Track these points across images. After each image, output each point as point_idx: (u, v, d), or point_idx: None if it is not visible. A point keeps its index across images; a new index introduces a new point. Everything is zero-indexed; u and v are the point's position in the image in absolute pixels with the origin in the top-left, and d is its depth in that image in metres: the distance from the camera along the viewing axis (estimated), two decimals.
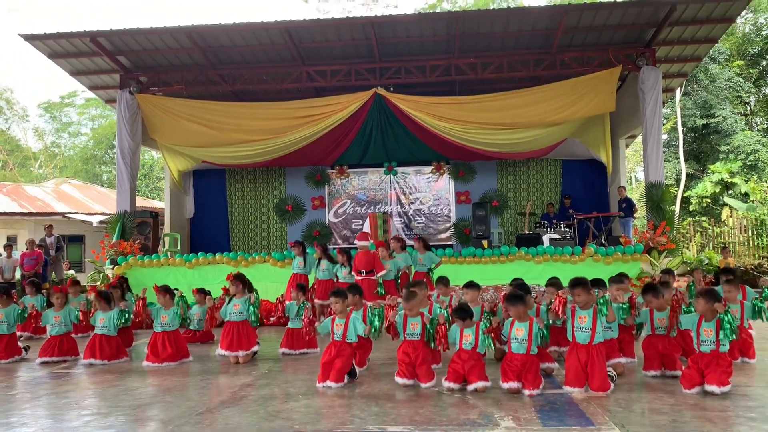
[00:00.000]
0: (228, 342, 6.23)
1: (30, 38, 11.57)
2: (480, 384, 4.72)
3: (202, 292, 8.02)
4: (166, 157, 14.07)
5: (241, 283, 6.48)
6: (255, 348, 6.37)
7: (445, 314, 5.31)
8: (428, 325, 5.08)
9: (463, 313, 4.99)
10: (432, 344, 5.06)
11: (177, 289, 6.93)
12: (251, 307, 6.30)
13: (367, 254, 8.61)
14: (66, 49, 12.19)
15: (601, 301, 4.76)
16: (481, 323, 4.99)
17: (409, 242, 10.78)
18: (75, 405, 4.63)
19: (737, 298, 5.68)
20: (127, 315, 6.75)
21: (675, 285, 6.51)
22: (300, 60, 12.51)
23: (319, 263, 9.00)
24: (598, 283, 5.40)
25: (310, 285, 8.88)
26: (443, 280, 7.00)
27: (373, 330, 5.24)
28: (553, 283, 6.11)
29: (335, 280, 8.75)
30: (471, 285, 6.17)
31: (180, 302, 6.63)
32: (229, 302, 6.38)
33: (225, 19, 50.41)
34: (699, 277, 11.39)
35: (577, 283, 4.86)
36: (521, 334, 4.80)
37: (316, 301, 8.56)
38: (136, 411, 4.39)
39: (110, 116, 35.38)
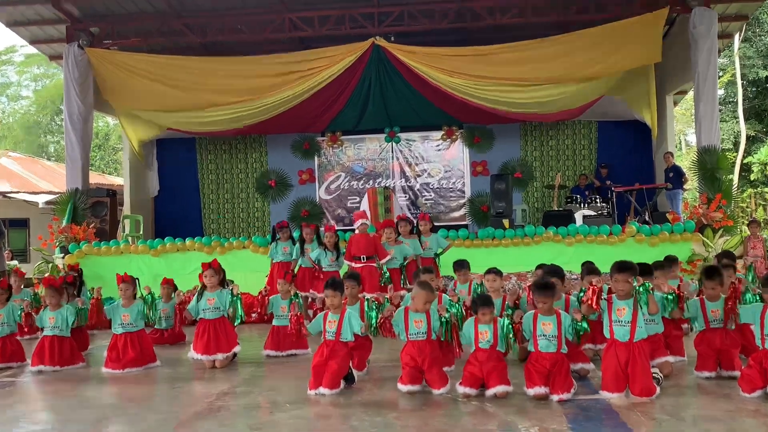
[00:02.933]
0: (204, 344, 6.25)
1: None
2: (500, 388, 4.75)
3: (169, 284, 8.04)
4: (125, 124, 14.01)
5: (217, 275, 6.48)
6: (235, 349, 6.40)
7: (457, 309, 5.31)
8: (444, 317, 5.10)
9: (483, 304, 5.00)
10: (449, 338, 5.10)
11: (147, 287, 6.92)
12: (235, 299, 6.31)
13: (366, 237, 8.60)
14: None
15: (641, 289, 4.74)
16: (501, 318, 5.00)
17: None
18: (23, 419, 4.66)
19: None
20: (84, 312, 6.77)
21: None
22: (282, 5, 12.38)
23: (302, 247, 8.99)
24: (643, 269, 5.38)
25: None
26: (463, 264, 7.01)
27: (370, 326, 5.26)
28: (589, 269, 6.10)
29: (319, 267, 8.74)
30: (493, 271, 6.17)
31: (148, 300, 6.63)
32: (200, 297, 6.38)
33: None
34: (755, 230, 11.39)
35: (623, 267, 4.83)
36: (549, 329, 4.80)
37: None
38: (95, 426, 4.42)
39: (56, 76, 35.18)
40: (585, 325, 4.86)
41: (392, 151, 15.40)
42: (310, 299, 8.82)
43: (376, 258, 8.45)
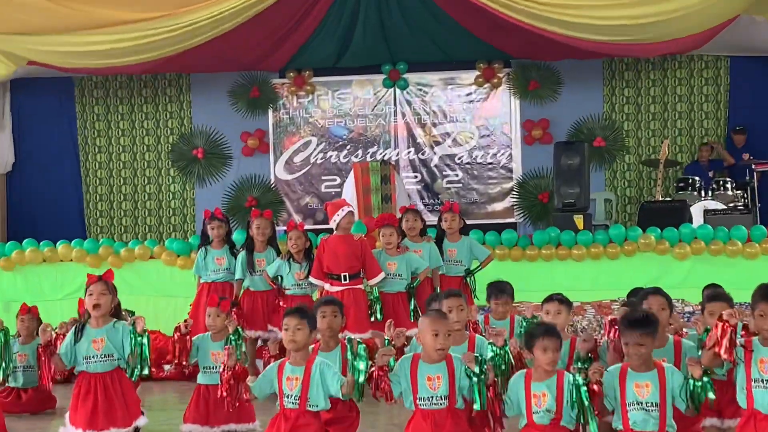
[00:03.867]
0: (87, 412, 6.20)
1: None
2: None
3: (31, 315, 8.02)
4: None
5: (111, 294, 6.43)
6: (138, 422, 6.39)
7: (499, 356, 5.29)
8: (472, 376, 5.06)
9: (546, 334, 5.00)
10: (480, 405, 5.06)
11: None
12: (138, 340, 6.27)
13: (347, 241, 8.59)
14: None
15: None
16: (568, 374, 4.98)
17: (431, 219, 10.77)
18: None
19: None
20: None
21: None
22: None
23: (250, 257, 8.95)
24: None
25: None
26: (502, 288, 7.01)
27: (357, 387, 5.19)
28: (715, 296, 6.09)
29: (278, 288, 8.72)
30: (556, 299, 6.14)
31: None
32: (81, 334, 6.34)
33: None
34: None
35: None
36: (647, 392, 4.80)
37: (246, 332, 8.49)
38: None
39: None
40: (707, 385, 4.84)
41: (395, 103, 15.37)
42: (260, 341, 8.82)
43: (363, 276, 8.45)
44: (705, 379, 4.76)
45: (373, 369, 5.11)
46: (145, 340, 6.21)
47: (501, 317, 6.93)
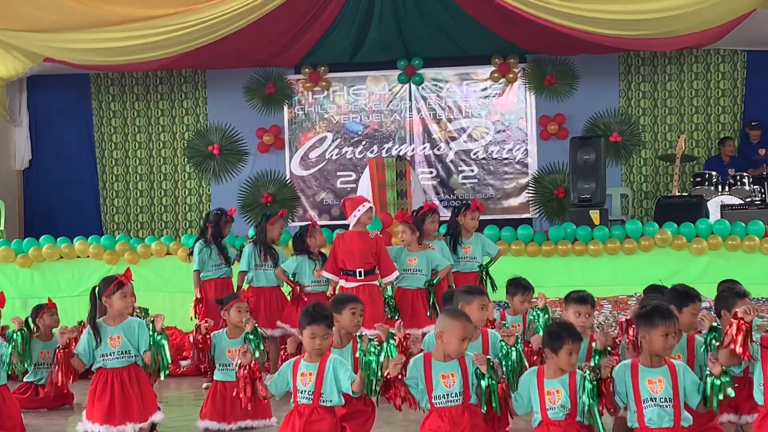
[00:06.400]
0: (104, 408, 6.20)
1: None
2: None
3: (51, 312, 8.03)
4: None
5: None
6: (154, 417, 6.39)
7: (514, 352, 5.28)
8: (480, 378, 5.05)
9: (571, 336, 4.98)
10: (493, 406, 5.05)
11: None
12: (154, 339, 6.26)
13: (364, 238, 8.58)
14: None
15: None
16: (580, 372, 4.94)
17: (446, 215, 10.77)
18: None
19: None
20: None
21: None
22: None
23: (261, 253, 8.92)
24: None
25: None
26: (527, 285, 7.01)
27: (368, 382, 5.18)
28: (732, 292, 6.06)
29: (294, 284, 8.71)
30: (578, 299, 6.12)
31: (14, 338, 6.62)
32: (99, 338, 6.34)
33: None
34: None
35: None
36: (660, 388, 4.77)
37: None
38: None
39: None
40: (724, 383, 4.81)
41: (411, 99, 15.33)
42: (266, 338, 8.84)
43: (378, 272, 8.45)
44: (724, 379, 4.72)
45: (387, 376, 5.06)
46: (164, 340, 6.18)
47: (518, 313, 6.93)
